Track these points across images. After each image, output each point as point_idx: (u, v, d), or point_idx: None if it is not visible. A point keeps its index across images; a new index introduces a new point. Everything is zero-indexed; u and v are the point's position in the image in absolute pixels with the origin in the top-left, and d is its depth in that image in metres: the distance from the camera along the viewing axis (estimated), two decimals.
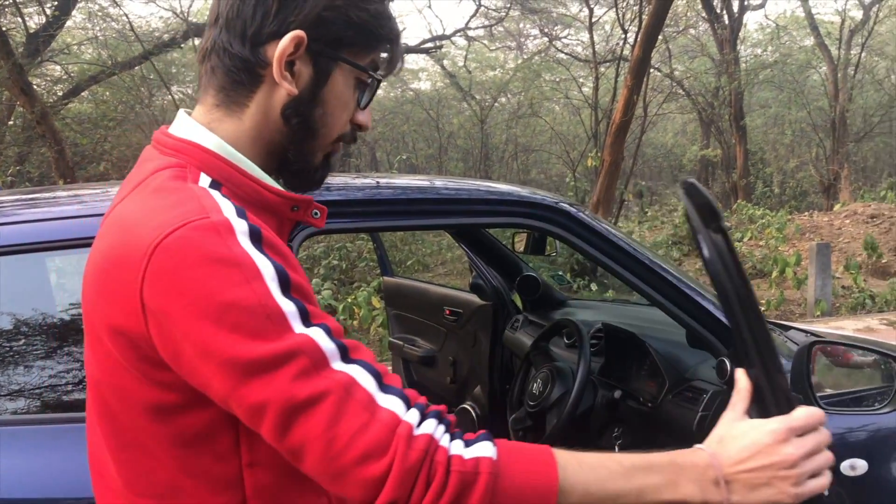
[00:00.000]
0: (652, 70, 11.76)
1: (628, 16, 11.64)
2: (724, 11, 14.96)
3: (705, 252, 1.19)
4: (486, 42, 20.63)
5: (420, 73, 22.71)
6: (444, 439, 0.84)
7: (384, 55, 1.04)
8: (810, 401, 1.91)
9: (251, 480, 0.92)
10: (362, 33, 0.99)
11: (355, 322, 6.44)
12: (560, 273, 5.14)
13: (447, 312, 3.67)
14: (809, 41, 17.40)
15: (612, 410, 2.44)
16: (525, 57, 21.16)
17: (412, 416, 0.83)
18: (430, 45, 17.50)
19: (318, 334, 0.84)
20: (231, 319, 0.81)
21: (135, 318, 0.85)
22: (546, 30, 19.62)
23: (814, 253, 8.33)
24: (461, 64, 20.76)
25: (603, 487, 0.89)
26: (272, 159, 1.02)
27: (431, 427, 0.84)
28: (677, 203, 14.61)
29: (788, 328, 2.41)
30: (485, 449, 0.84)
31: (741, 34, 15.89)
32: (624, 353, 2.66)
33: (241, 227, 0.86)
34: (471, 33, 19.37)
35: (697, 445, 0.96)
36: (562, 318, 2.77)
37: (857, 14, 16.03)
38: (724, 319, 2.19)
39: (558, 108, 21.06)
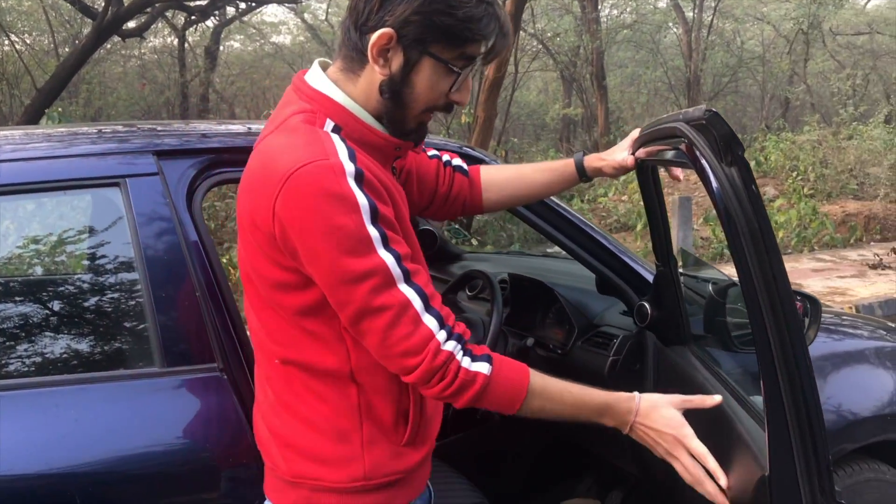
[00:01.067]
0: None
1: None
2: None
3: (714, 185, 1.17)
4: None
5: (280, 27, 21.94)
6: (458, 355, 1.24)
7: (484, 48, 1.28)
8: (726, 340, 1.97)
9: (350, 339, 1.30)
10: (447, 34, 1.24)
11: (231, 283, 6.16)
12: (457, 227, 5.12)
13: None
14: (664, 2, 18.05)
15: (522, 359, 2.44)
16: None
17: (442, 335, 1.23)
18: None
19: (390, 260, 1.20)
20: (336, 237, 1.18)
21: (269, 220, 1.21)
22: None
23: (675, 206, 8.68)
24: (323, 18, 20.24)
25: (553, 407, 1.33)
26: (376, 118, 1.32)
27: (452, 346, 1.24)
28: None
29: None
30: (482, 367, 1.26)
31: None
32: (530, 302, 2.66)
33: (349, 169, 1.19)
34: None
35: (637, 394, 1.39)
36: (470, 269, 2.74)
37: None
38: (635, 265, 2.22)
39: None
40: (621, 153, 1.73)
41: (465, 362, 1.24)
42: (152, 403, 1.69)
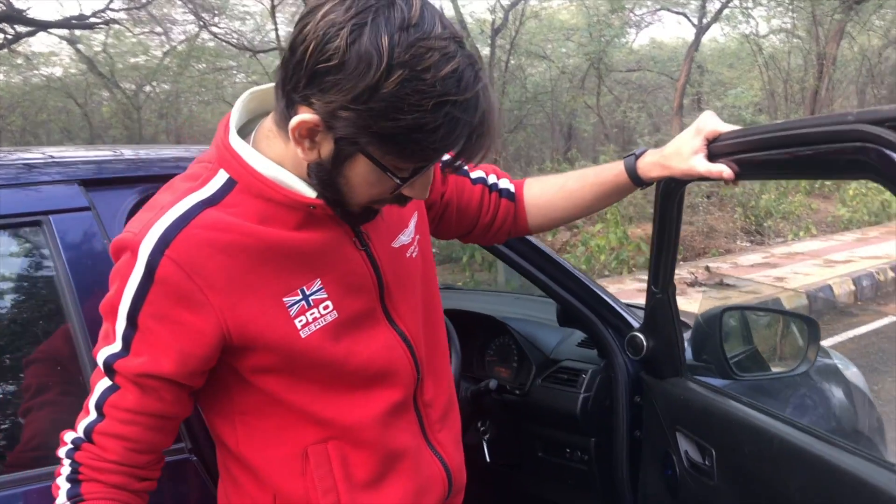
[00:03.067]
0: None
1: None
2: None
3: None
4: (129, 26, 18.93)
5: (52, 57, 20.23)
6: (62, 475, 1.07)
7: (447, 156, 1.03)
8: (725, 369, 1.86)
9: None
10: (388, 142, 0.96)
11: None
12: None
13: None
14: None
15: (477, 403, 2.22)
16: (173, 44, 19.93)
17: (69, 437, 1.07)
18: (71, 24, 15.55)
19: (102, 358, 1.05)
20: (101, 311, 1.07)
21: None
22: (199, 15, 18.55)
23: None
24: (100, 49, 18.94)
25: None
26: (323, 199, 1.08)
27: (63, 455, 1.08)
28: None
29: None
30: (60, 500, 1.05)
31: None
32: (476, 340, 2.44)
33: (143, 256, 1.01)
34: (112, 15, 17.56)
35: None
36: None
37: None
38: (604, 296, 2.07)
39: (210, 98, 20.16)
40: (695, 159, 1.34)
41: (60, 484, 1.06)
42: None
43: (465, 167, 1.46)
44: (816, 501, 1.31)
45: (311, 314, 1.09)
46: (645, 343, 1.84)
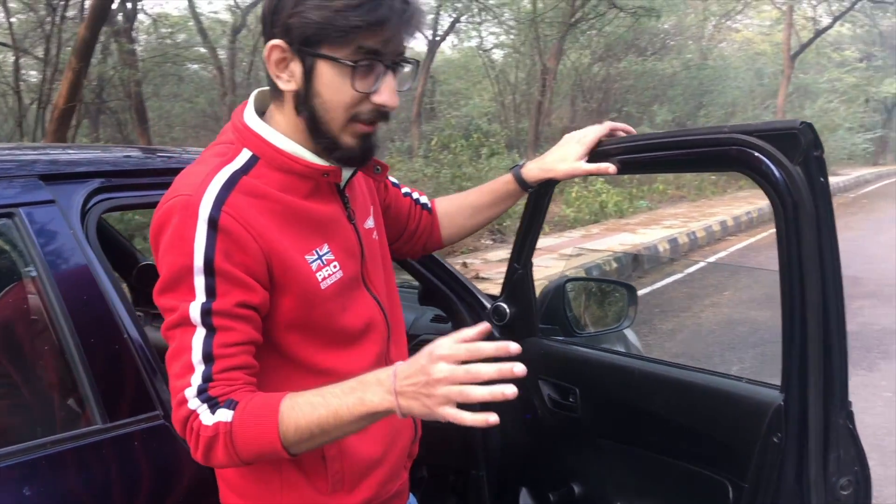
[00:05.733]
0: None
1: None
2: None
3: (779, 177, 1.39)
4: None
5: None
6: (202, 413, 1.17)
7: (383, 35, 1.20)
8: (568, 329, 2.28)
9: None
10: (328, 29, 1.18)
11: None
12: None
13: None
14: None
15: None
16: None
17: (191, 391, 1.18)
18: None
19: (196, 309, 1.18)
20: (164, 267, 1.20)
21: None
22: None
23: None
24: None
25: (308, 420, 1.15)
26: (315, 144, 1.29)
27: (195, 404, 1.17)
28: None
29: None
30: (222, 415, 1.16)
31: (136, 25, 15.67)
32: None
33: (204, 213, 1.18)
34: None
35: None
36: None
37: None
38: (455, 273, 2.41)
39: None
40: (579, 162, 1.72)
41: (205, 417, 1.17)
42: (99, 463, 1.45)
43: (397, 182, 1.75)
44: (679, 410, 1.77)
45: (326, 271, 1.31)
46: (508, 310, 2.21)
